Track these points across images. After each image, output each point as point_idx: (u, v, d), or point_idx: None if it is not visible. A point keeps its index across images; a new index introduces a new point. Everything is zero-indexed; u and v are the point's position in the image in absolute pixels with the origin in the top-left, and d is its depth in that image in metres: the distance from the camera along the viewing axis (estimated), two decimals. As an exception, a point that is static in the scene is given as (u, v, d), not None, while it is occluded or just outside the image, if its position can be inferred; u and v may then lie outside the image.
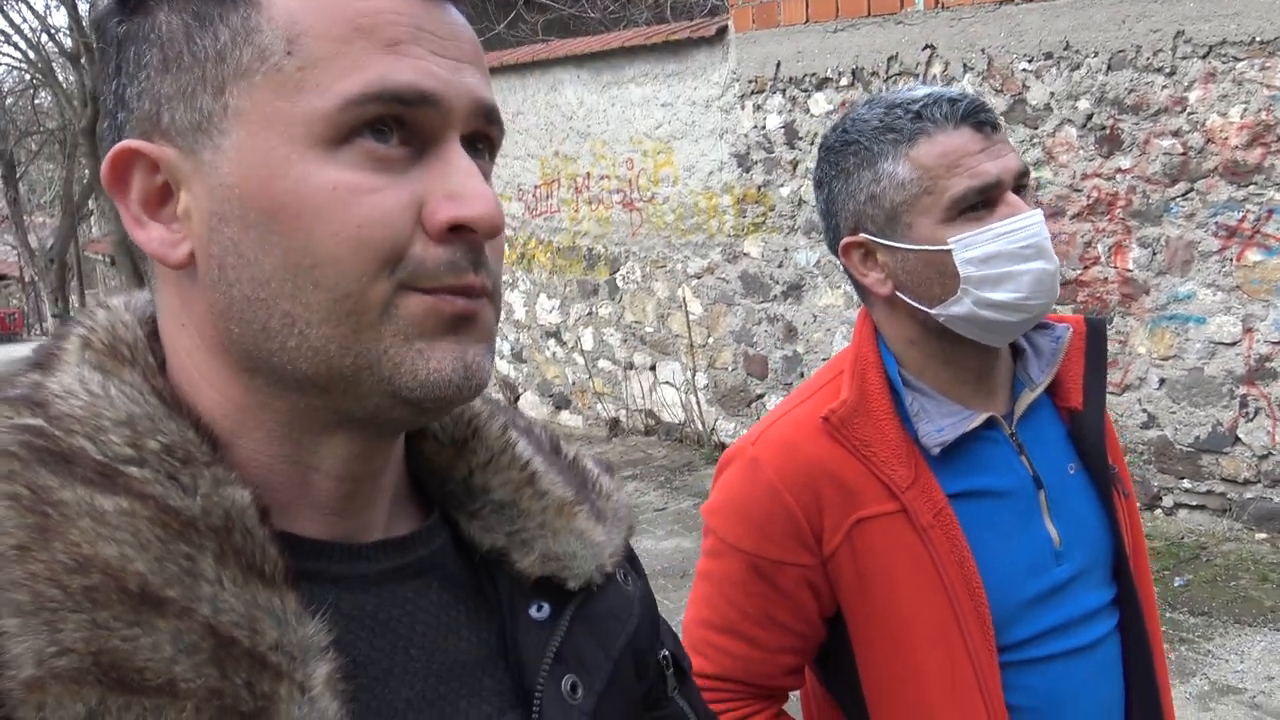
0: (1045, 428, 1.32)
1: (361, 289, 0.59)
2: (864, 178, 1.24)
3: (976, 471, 1.26)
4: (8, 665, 0.51)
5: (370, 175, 0.59)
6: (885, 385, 1.26)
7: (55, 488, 0.56)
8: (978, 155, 1.19)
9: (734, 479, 1.28)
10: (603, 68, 7.36)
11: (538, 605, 0.73)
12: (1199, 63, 4.77)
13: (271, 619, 0.57)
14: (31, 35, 18.23)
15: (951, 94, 1.21)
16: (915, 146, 1.20)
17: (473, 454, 0.76)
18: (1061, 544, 1.27)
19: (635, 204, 7.40)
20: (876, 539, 1.21)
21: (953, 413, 1.25)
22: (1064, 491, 1.29)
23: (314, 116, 0.59)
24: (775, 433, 1.28)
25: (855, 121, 1.26)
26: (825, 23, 6.08)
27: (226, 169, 0.60)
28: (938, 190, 1.19)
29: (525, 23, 9.76)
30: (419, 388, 0.60)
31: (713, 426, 7.21)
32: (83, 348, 0.64)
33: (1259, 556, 4.70)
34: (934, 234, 1.21)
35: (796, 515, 1.22)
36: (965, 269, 1.19)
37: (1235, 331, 4.85)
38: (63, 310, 22.86)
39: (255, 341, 0.61)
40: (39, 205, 30.02)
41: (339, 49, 0.59)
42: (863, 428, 1.23)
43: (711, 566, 1.29)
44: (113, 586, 0.54)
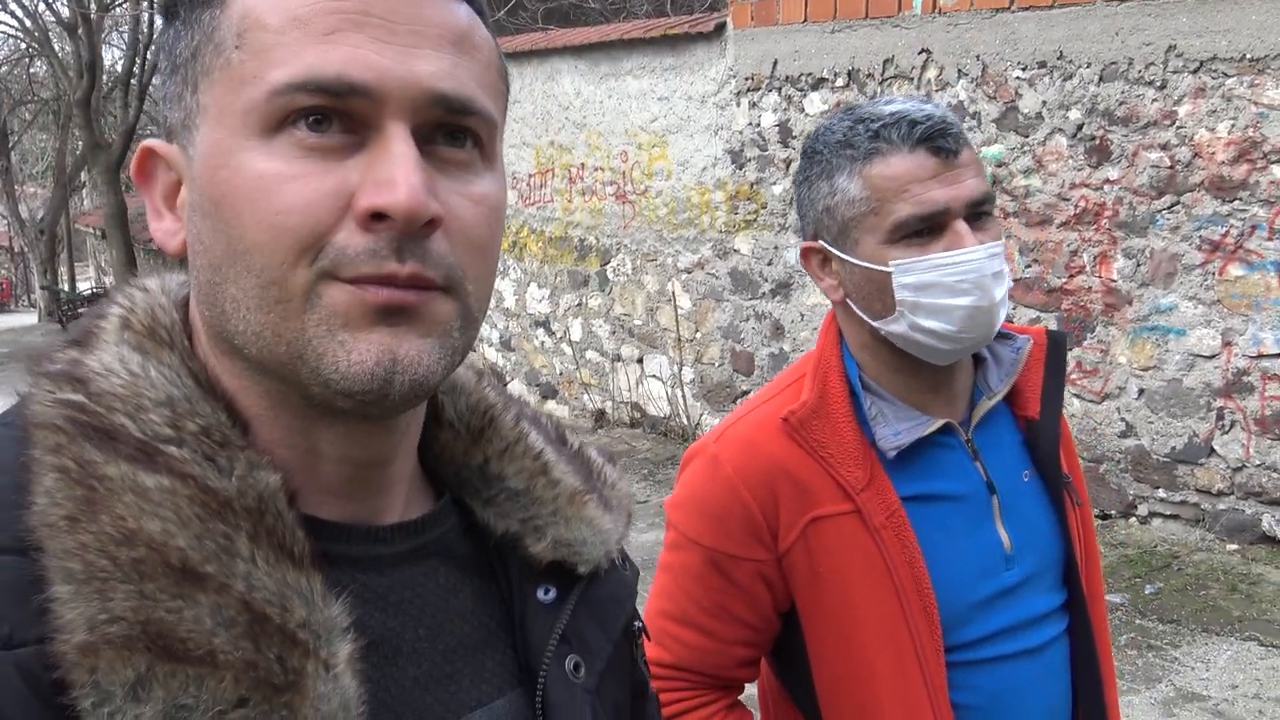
0: (1002, 435, 1.35)
1: (283, 276, 0.59)
2: (822, 189, 1.27)
3: (931, 476, 1.29)
4: (61, 630, 0.53)
5: (297, 163, 0.59)
6: (845, 388, 1.29)
7: (100, 463, 0.58)
8: (928, 181, 1.20)
9: (695, 475, 1.32)
10: (601, 59, 7.38)
11: (545, 589, 0.76)
12: (1189, 77, 4.82)
13: (300, 598, 0.59)
14: (29, 3, 18.10)
15: (917, 114, 1.21)
16: (869, 165, 1.22)
17: (489, 443, 0.79)
18: (1013, 548, 1.29)
19: (628, 196, 7.42)
20: (830, 538, 1.24)
21: (909, 417, 1.28)
22: (1017, 497, 1.32)
23: (250, 106, 0.60)
24: (737, 431, 1.31)
25: (825, 131, 1.29)
26: (823, 23, 6.11)
27: (196, 162, 0.63)
28: (883, 212, 1.21)
29: (525, 10, 9.76)
30: (342, 379, 0.60)
31: (698, 421, 7.24)
32: (122, 328, 0.66)
33: (1229, 567, 4.76)
34: (877, 253, 1.23)
35: (753, 511, 1.25)
36: (901, 294, 1.22)
37: (1214, 345, 4.91)
38: (51, 281, 22.75)
39: (220, 323, 0.63)
40: (31, 176, 29.82)
41: (276, 39, 0.60)
42: (821, 429, 1.26)
43: (671, 559, 1.33)
44: (157, 560, 0.56)
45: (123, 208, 15.96)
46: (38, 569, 0.55)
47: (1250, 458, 4.86)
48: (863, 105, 1.28)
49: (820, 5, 6.11)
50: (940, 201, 1.19)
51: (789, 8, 6.26)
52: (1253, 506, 4.89)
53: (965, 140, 1.23)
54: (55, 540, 0.55)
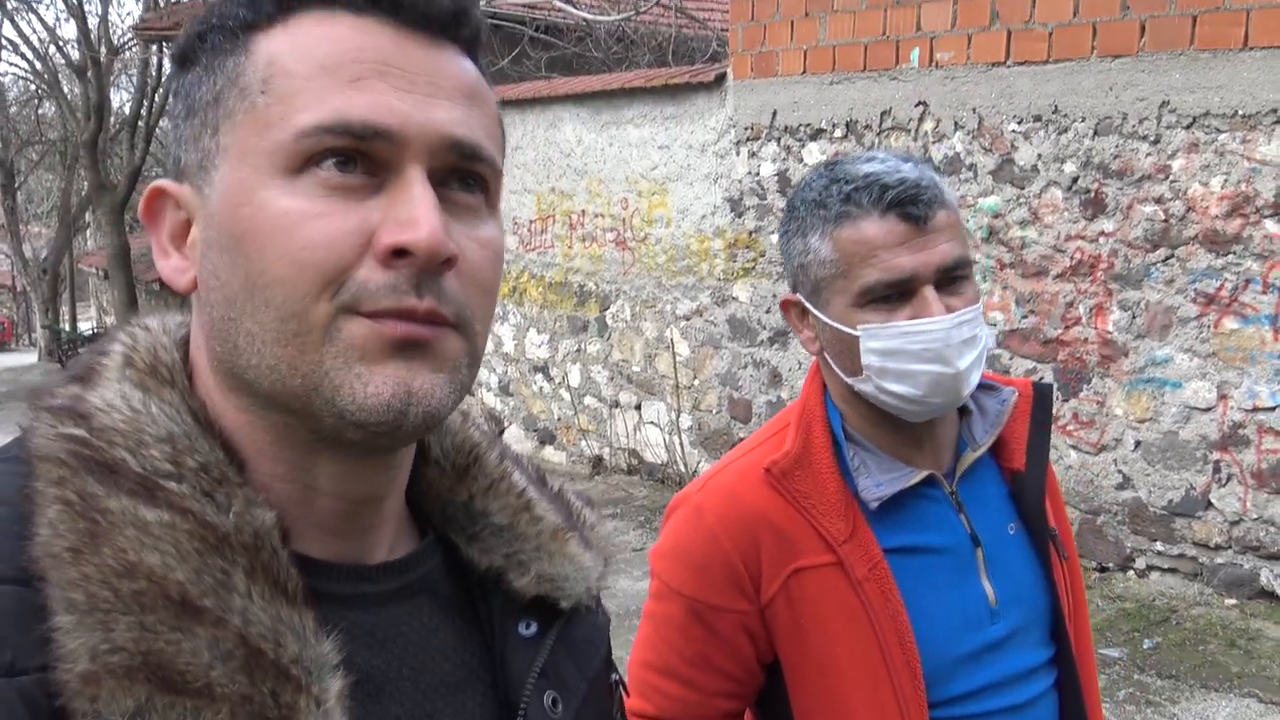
0: (986, 487, 1.34)
1: (304, 309, 0.61)
2: (798, 245, 1.28)
3: (914, 528, 1.28)
4: (63, 659, 0.55)
5: (321, 201, 0.62)
6: (829, 439, 1.30)
7: (102, 496, 0.60)
8: (896, 248, 1.20)
9: (678, 525, 1.32)
10: (602, 107, 7.46)
11: (527, 623, 0.78)
12: (1183, 133, 4.87)
13: (293, 634, 0.61)
14: (40, 46, 18.35)
15: (889, 178, 1.21)
16: (839, 228, 1.23)
17: (474, 480, 0.80)
18: (998, 602, 1.28)
19: (628, 243, 7.47)
20: (812, 589, 1.24)
21: (892, 468, 1.28)
22: (1002, 550, 1.31)
23: (275, 147, 0.62)
24: (720, 481, 1.32)
25: (804, 186, 1.30)
26: (822, 75, 6.19)
27: (214, 200, 0.65)
28: (852, 276, 1.22)
29: (529, 59, 9.89)
30: (358, 411, 0.62)
31: (695, 468, 7.22)
32: (124, 365, 0.68)
33: (1228, 622, 4.73)
34: (846, 315, 1.24)
35: (735, 562, 1.25)
36: (868, 357, 1.23)
37: (1210, 397, 4.91)
38: (52, 321, 22.80)
39: (231, 359, 0.65)
40: (36, 215, 30.02)
41: (303, 85, 0.63)
42: (803, 480, 1.26)
43: (654, 609, 1.33)
44: (157, 593, 0.58)
45: (126, 248, 16.04)
46: (40, 599, 0.56)
47: (1247, 511, 4.84)
48: (843, 162, 1.28)
49: (819, 57, 6.20)
50: (907, 269, 1.20)
51: (788, 60, 6.35)
52: (1250, 561, 4.87)
53: (942, 203, 1.23)
54: (58, 571, 0.57)
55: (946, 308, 1.21)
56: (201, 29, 0.68)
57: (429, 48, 0.66)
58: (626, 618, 5.11)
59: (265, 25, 0.66)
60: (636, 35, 10.36)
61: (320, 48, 0.64)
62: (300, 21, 0.65)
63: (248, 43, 0.65)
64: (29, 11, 17.65)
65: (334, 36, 0.64)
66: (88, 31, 15.95)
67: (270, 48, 0.65)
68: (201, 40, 0.67)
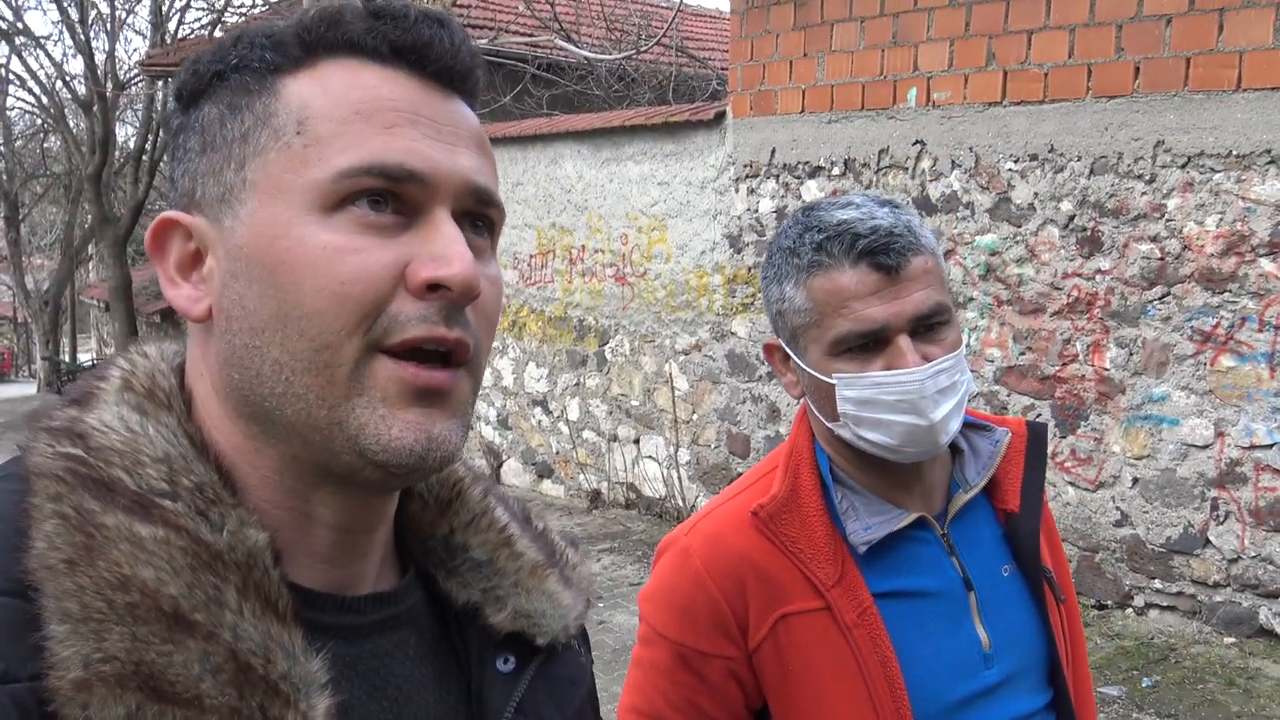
0: (980, 529, 1.32)
1: (339, 342, 0.64)
2: (774, 292, 1.28)
3: (904, 571, 1.26)
4: (56, 666, 0.56)
5: (358, 238, 0.65)
6: (817, 482, 1.28)
7: (98, 511, 0.61)
8: (868, 298, 1.18)
9: (666, 568, 1.31)
10: (603, 144, 7.53)
11: (504, 658, 0.79)
12: (1178, 172, 4.92)
13: (283, 651, 0.62)
14: (47, 81, 18.52)
15: (862, 226, 1.20)
16: (812, 277, 1.22)
17: (455, 514, 0.82)
18: (991, 646, 1.26)
19: (627, 278, 7.51)
20: (800, 635, 1.22)
21: (881, 511, 1.26)
22: (996, 593, 1.29)
23: (313, 186, 0.66)
24: (707, 525, 1.31)
25: (781, 233, 1.29)
26: (820, 113, 6.26)
27: (240, 232, 0.67)
28: (825, 326, 1.21)
29: (531, 96, 9.98)
30: (381, 451, 0.65)
31: (693, 503, 7.21)
32: (123, 389, 0.70)
33: (1226, 661, 4.70)
34: (822, 364, 1.23)
35: (721, 607, 1.24)
36: (843, 405, 1.22)
37: (1208, 435, 4.92)
38: (53, 353, 22.82)
39: (251, 386, 0.67)
40: (39, 248, 30.13)
41: (340, 129, 0.67)
42: (790, 524, 1.25)
43: (642, 654, 1.32)
44: (150, 605, 0.59)
45: (128, 281, 16.10)
46: (35, 610, 0.57)
47: (1245, 549, 4.83)
48: (818, 208, 1.26)
49: (817, 97, 6.27)
50: (879, 319, 1.18)
51: (787, 99, 6.42)
52: (1249, 599, 4.85)
53: (917, 249, 1.21)
54: (54, 582, 0.58)
55: (924, 356, 1.20)
56: (219, 68, 0.70)
57: (446, 98, 0.71)
58: (623, 652, 5.08)
59: (292, 69, 0.69)
60: (637, 74, 10.47)
61: (353, 94, 0.67)
62: (327, 68, 0.69)
63: (275, 85, 0.68)
64: (37, 47, 17.83)
65: (364, 84, 0.68)
66: (94, 67, 16.11)
67: (300, 91, 0.68)
68: (220, 79, 0.70)
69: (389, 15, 0.70)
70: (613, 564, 6.55)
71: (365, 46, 0.69)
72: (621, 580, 6.23)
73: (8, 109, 21.24)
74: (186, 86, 0.72)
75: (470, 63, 0.72)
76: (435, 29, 0.71)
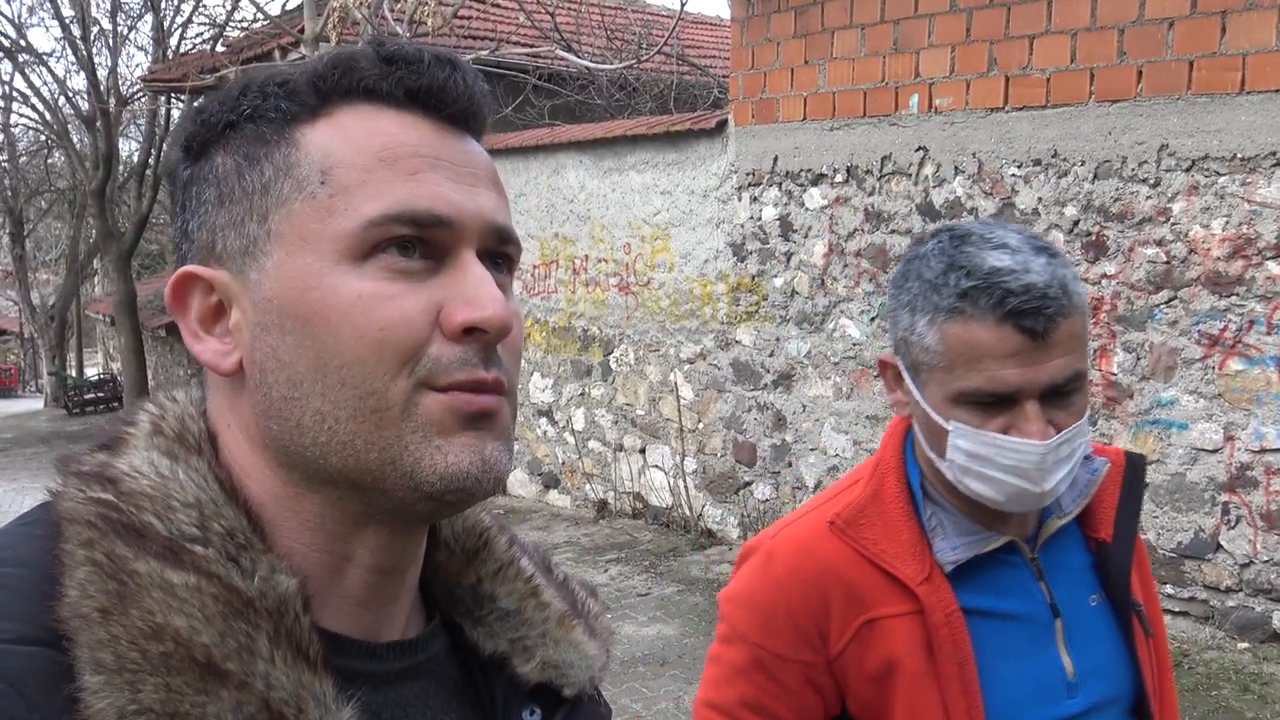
0: (1070, 556, 1.29)
1: (384, 386, 0.64)
2: (904, 319, 1.22)
3: (990, 592, 1.24)
4: (91, 718, 0.56)
5: (390, 284, 0.65)
6: (904, 493, 1.26)
7: (130, 558, 0.61)
8: (1005, 360, 1.13)
9: (749, 571, 1.31)
10: (605, 154, 7.53)
11: (531, 710, 0.78)
12: (1182, 175, 4.90)
13: (315, 700, 0.62)
14: (50, 97, 18.59)
15: (1015, 283, 1.12)
16: (950, 323, 1.15)
17: (483, 564, 0.81)
18: (1076, 675, 1.23)
19: (631, 288, 7.50)
20: (884, 641, 1.21)
21: (970, 531, 1.24)
22: (1083, 622, 1.26)
23: (341, 235, 0.66)
24: (792, 532, 1.30)
25: (923, 257, 1.21)
26: (822, 120, 6.25)
27: (268, 284, 0.66)
28: (953, 374, 1.16)
29: (533, 106, 9.99)
30: (439, 481, 0.65)
31: (700, 512, 7.19)
32: (153, 433, 0.69)
33: (1240, 666, 4.67)
34: (941, 405, 1.19)
35: (802, 613, 1.24)
36: (954, 453, 1.18)
37: (1217, 439, 4.89)
38: (59, 367, 22.87)
39: (291, 438, 0.66)
40: (44, 263, 30.23)
41: (365, 177, 0.67)
42: (872, 527, 1.24)
43: (721, 651, 1.32)
44: (184, 655, 0.59)
45: (133, 295, 16.13)
46: (68, 660, 0.57)
47: (1258, 554, 4.80)
48: (969, 241, 1.18)
49: (819, 104, 6.26)
50: (1012, 383, 1.13)
51: (788, 106, 6.42)
52: (1262, 604, 4.82)
53: (1066, 312, 1.13)
54: (88, 632, 0.58)
55: (1050, 421, 1.15)
56: (230, 118, 0.70)
57: (461, 139, 0.72)
58: (631, 664, 5.06)
59: (309, 118, 0.69)
60: (639, 83, 10.48)
61: (374, 141, 0.68)
62: (344, 115, 0.69)
63: (293, 134, 0.68)
64: (40, 64, 17.89)
65: (384, 131, 0.68)
66: (97, 83, 16.16)
67: (321, 140, 0.68)
68: (233, 129, 0.69)
69: (402, 60, 0.70)
70: (620, 574, 6.53)
71: (381, 92, 0.69)
72: (629, 591, 6.22)
73: (11, 125, 21.32)
74: (195, 137, 0.71)
75: (481, 102, 0.73)
76: (449, 72, 0.71)
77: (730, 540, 7.01)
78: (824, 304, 6.33)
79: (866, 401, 6.17)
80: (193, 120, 0.71)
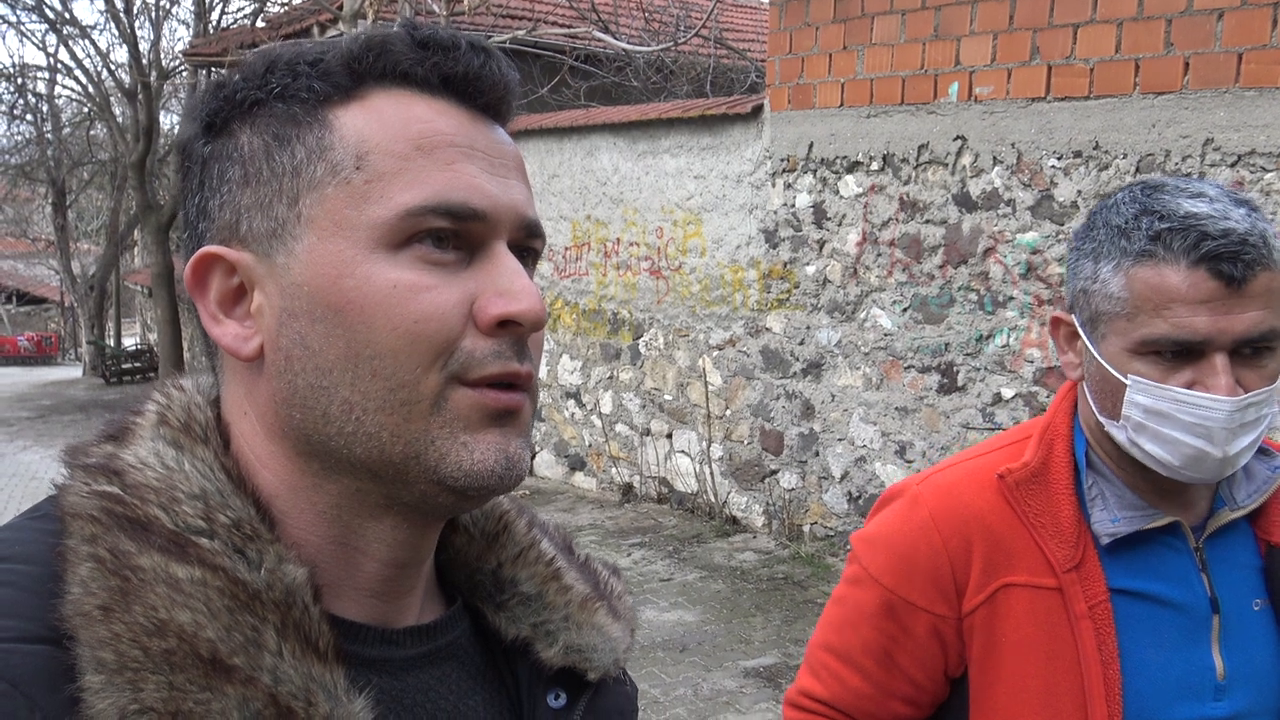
0: (1237, 553, 1.21)
1: (415, 380, 0.64)
2: (1086, 268, 1.16)
3: (1147, 574, 1.17)
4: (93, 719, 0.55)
5: (426, 275, 0.65)
6: (1070, 460, 1.20)
7: (134, 553, 0.60)
8: (1196, 305, 1.06)
9: (891, 513, 1.26)
10: (639, 137, 7.49)
11: (555, 694, 0.78)
12: (1227, 171, 4.80)
13: (325, 693, 0.61)
14: (93, 70, 18.79)
15: (1213, 227, 1.06)
16: (1138, 267, 1.10)
17: (503, 548, 0.81)
18: (1226, 677, 1.16)
19: (662, 272, 7.47)
20: (1021, 609, 1.16)
21: (1134, 506, 1.18)
22: (1242, 624, 1.18)
23: (376, 223, 0.65)
24: (943, 478, 1.25)
25: (1111, 206, 1.17)
26: (859, 108, 6.17)
27: (297, 270, 0.65)
28: (1137, 321, 1.10)
29: (569, 88, 9.97)
30: (464, 477, 0.65)
31: (725, 499, 7.18)
32: (159, 424, 0.68)
33: None
34: (1119, 359, 1.13)
35: (943, 561, 1.19)
36: (1130, 409, 1.12)
37: (1254, 441, 4.80)
38: (98, 337, 23.21)
39: (315, 427, 0.65)
40: (85, 233, 30.66)
41: (401, 165, 0.65)
42: (1037, 497, 1.18)
43: (847, 593, 1.27)
44: (188, 651, 0.58)
45: (170, 267, 16.31)
46: (70, 658, 0.56)
47: None
48: (1163, 189, 1.13)
49: (856, 90, 6.19)
50: (1202, 331, 1.07)
51: (825, 92, 6.35)
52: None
53: (1268, 264, 1.07)
54: (89, 630, 0.57)
55: (1238, 381, 1.08)
56: (257, 95, 0.68)
57: (491, 128, 0.71)
58: (651, 649, 5.06)
59: (341, 100, 0.67)
60: (675, 66, 10.42)
61: (410, 128, 0.66)
62: (378, 99, 0.67)
63: (325, 116, 0.67)
64: (83, 37, 18.07)
65: (419, 117, 0.67)
66: (139, 56, 16.31)
67: (355, 124, 0.66)
68: (260, 107, 0.68)
69: (437, 45, 0.69)
70: (643, 559, 6.54)
71: (415, 77, 0.68)
72: (652, 575, 6.22)
73: (55, 97, 21.58)
74: (218, 113, 0.69)
75: (513, 92, 0.72)
76: (483, 59, 0.70)
77: (755, 528, 7.00)
78: (856, 293, 6.27)
79: (896, 393, 6.11)
80: (214, 95, 0.70)
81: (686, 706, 4.50)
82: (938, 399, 5.90)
